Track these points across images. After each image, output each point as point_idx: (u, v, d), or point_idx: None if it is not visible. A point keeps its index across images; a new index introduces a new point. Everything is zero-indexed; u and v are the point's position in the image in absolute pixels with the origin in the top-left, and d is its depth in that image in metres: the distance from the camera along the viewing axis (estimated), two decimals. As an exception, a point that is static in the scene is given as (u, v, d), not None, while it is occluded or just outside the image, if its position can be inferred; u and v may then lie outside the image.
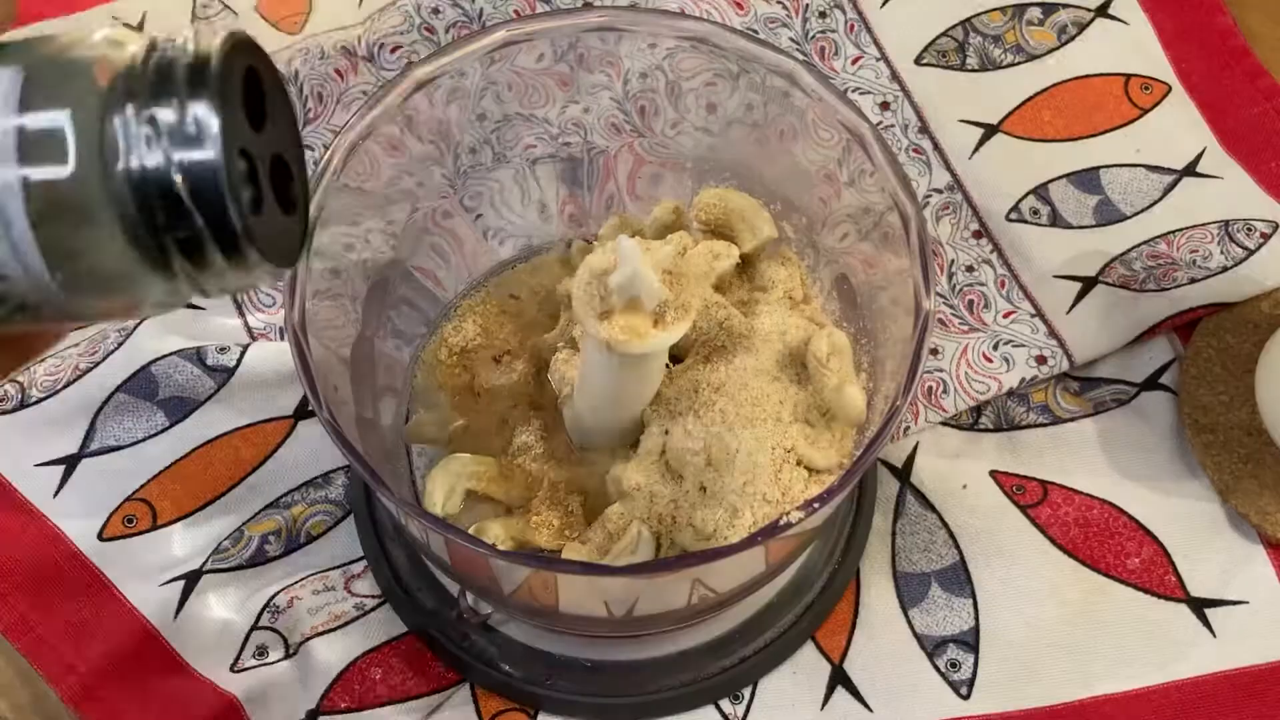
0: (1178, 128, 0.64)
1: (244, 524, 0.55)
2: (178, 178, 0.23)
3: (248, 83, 0.24)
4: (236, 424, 0.57)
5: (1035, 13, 0.67)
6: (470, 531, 0.48)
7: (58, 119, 0.23)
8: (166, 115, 0.23)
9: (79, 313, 0.25)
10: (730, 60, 0.49)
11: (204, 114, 0.23)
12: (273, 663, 0.52)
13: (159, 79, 0.23)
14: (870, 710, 0.52)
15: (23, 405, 0.56)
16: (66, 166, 0.23)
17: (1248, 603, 0.54)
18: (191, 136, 0.23)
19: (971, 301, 0.60)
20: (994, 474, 0.57)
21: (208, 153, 0.23)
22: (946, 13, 0.67)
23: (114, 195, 0.23)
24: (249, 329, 0.59)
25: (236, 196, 0.23)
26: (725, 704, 0.52)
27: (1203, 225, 0.61)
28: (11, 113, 0.23)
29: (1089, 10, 0.67)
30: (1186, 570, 0.55)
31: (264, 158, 0.25)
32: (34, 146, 0.22)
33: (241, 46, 0.24)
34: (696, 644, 0.53)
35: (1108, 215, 0.62)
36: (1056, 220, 0.62)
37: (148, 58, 0.24)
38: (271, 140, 0.25)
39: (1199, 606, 0.54)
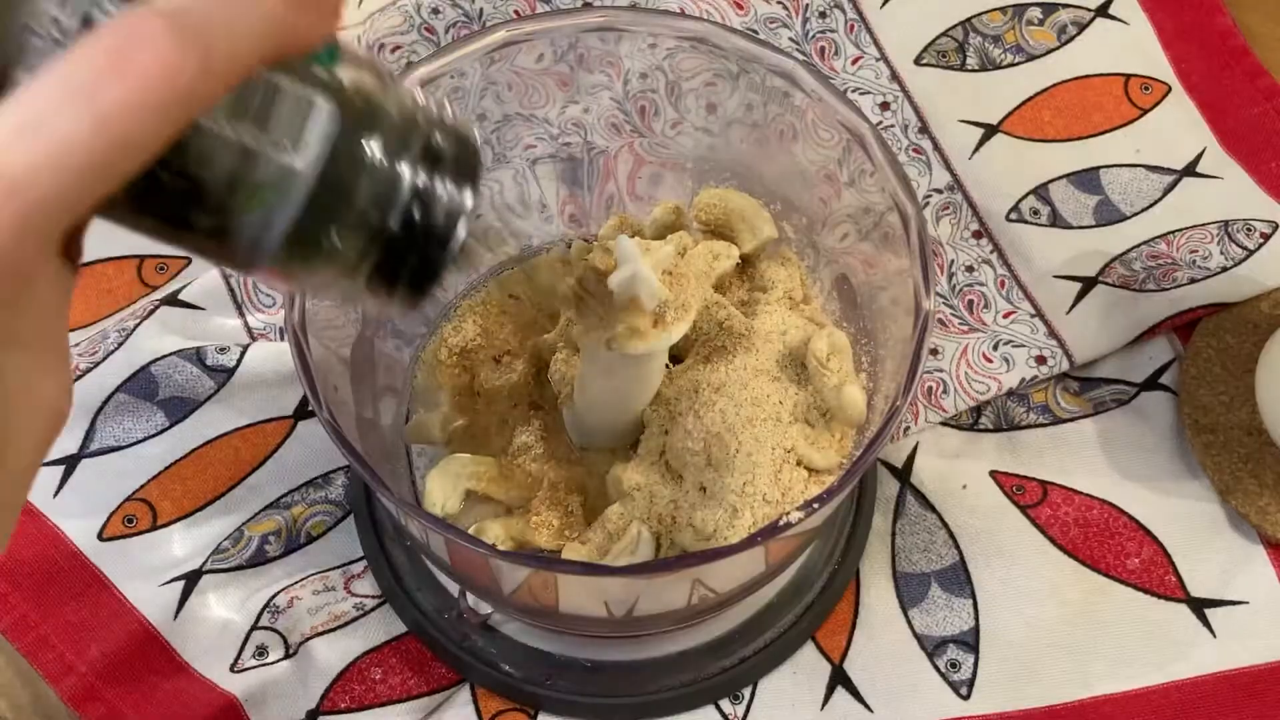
0: (1178, 128, 0.64)
1: (244, 524, 0.55)
2: (424, 239, 0.28)
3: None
4: (236, 424, 0.57)
5: (1035, 13, 0.67)
6: (470, 531, 0.48)
7: (355, 154, 0.27)
8: (439, 179, 0.28)
9: (244, 274, 0.30)
10: (730, 60, 0.49)
11: (465, 192, 0.29)
12: (273, 663, 0.52)
13: (436, 155, 0.28)
14: (870, 710, 0.52)
15: (23, 405, 0.56)
16: (344, 199, 0.27)
17: (1248, 603, 0.54)
18: (448, 210, 0.28)
19: (971, 301, 0.60)
20: (994, 474, 0.57)
21: (457, 223, 0.29)
22: (946, 13, 0.67)
23: (363, 231, 0.27)
24: (249, 329, 0.59)
25: (449, 265, 0.29)
26: (725, 704, 0.52)
27: (1203, 225, 0.61)
28: (323, 144, 0.27)
29: (1089, 10, 0.67)
30: (1186, 570, 0.55)
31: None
32: (327, 174, 0.27)
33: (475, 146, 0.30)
34: (696, 644, 0.53)
35: (1108, 215, 0.62)
36: (1056, 220, 0.62)
37: (427, 131, 0.29)
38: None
39: (1199, 606, 0.54)
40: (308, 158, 0.26)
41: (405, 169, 0.28)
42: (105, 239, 0.62)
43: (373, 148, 0.27)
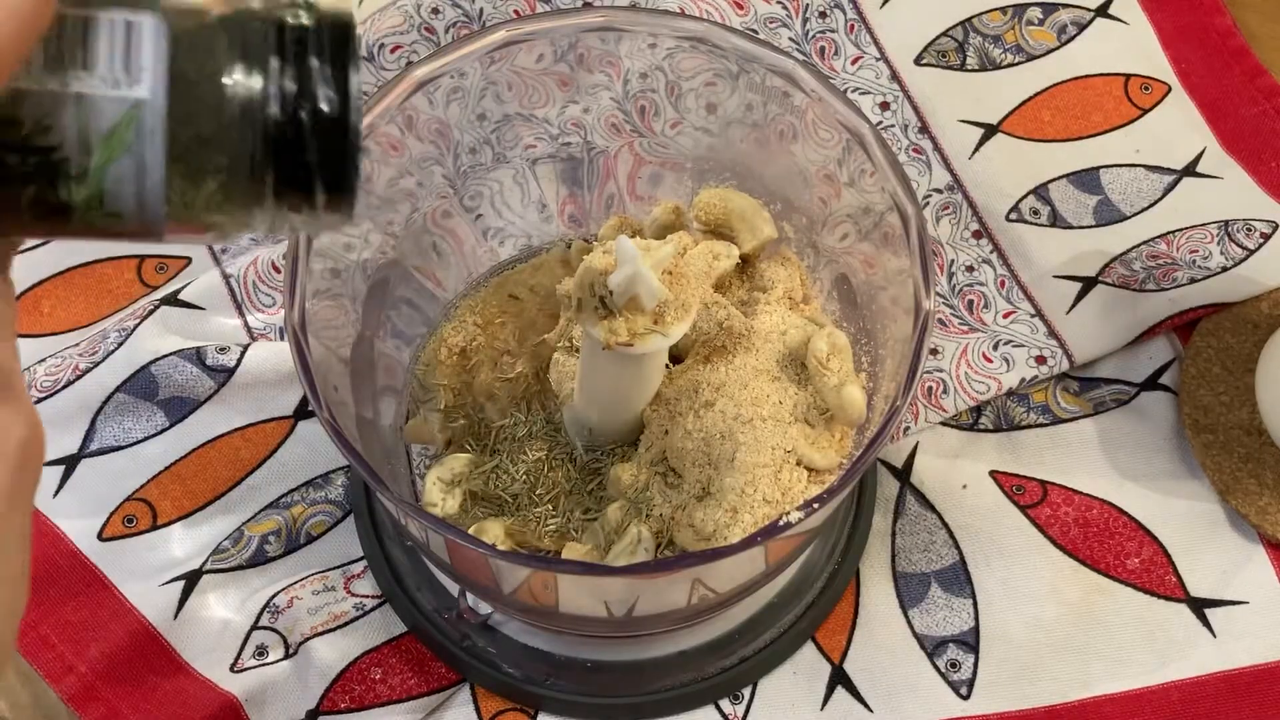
0: (1178, 128, 0.64)
1: (244, 524, 0.55)
2: (313, 128, 0.25)
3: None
4: (236, 424, 0.57)
5: (1035, 13, 0.67)
6: (470, 531, 0.48)
7: (203, 65, 0.25)
8: (311, 66, 0.25)
9: (158, 240, 0.27)
10: (730, 60, 0.49)
11: (343, 67, 0.26)
12: (273, 663, 0.52)
13: (297, 37, 0.26)
14: (870, 710, 0.52)
15: (23, 405, 0.56)
16: (210, 115, 0.25)
17: (1248, 603, 0.54)
18: (328, 91, 0.25)
19: (971, 301, 0.60)
20: (994, 474, 0.57)
21: (342, 106, 0.26)
22: (946, 13, 0.67)
23: (246, 142, 0.25)
24: (249, 329, 0.59)
25: (358, 150, 0.26)
26: (725, 704, 0.52)
27: (1203, 225, 0.61)
28: (160, 62, 0.24)
29: (1089, 10, 0.67)
30: (1186, 570, 0.55)
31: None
32: (180, 94, 0.24)
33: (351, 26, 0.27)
34: (696, 644, 0.53)
35: (1108, 215, 0.62)
36: (1056, 220, 0.62)
37: (278, 16, 0.26)
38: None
39: (1199, 606, 0.54)
40: (149, 83, 0.24)
41: (269, 62, 0.25)
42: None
43: (219, 51, 0.25)
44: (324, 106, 0.25)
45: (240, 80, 0.25)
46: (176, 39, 0.24)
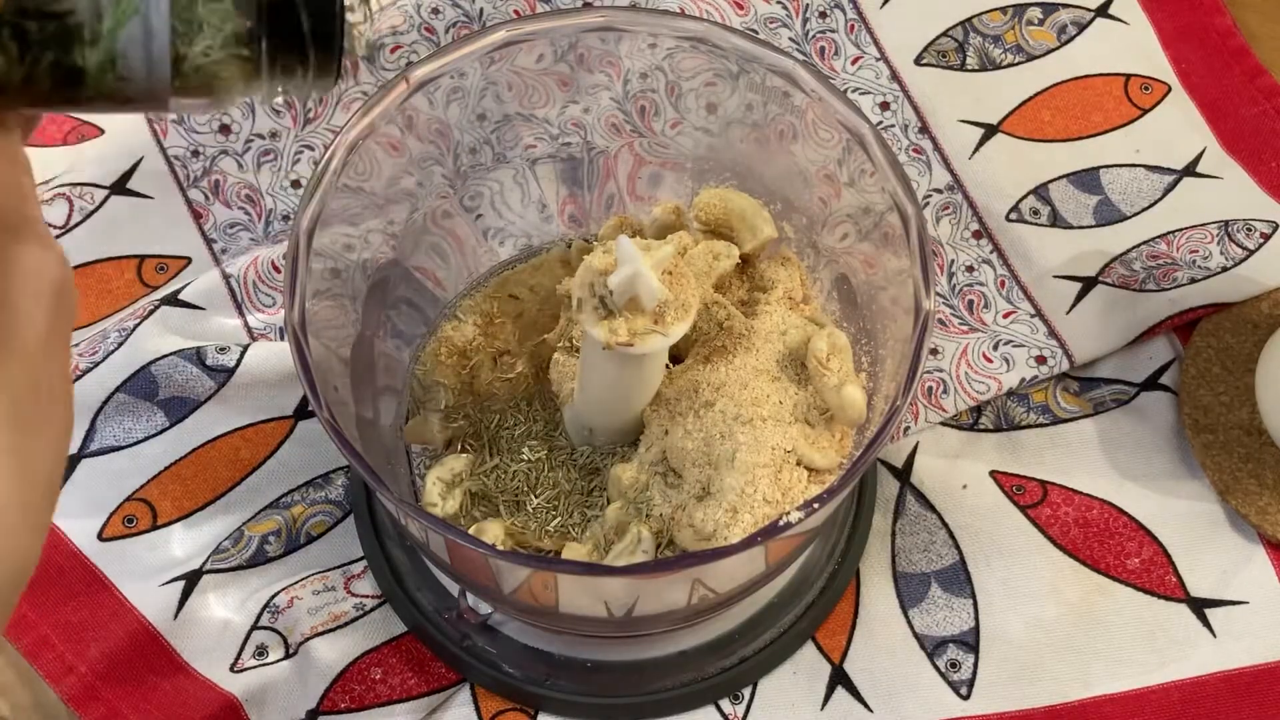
0: (1178, 128, 0.64)
1: (244, 524, 0.55)
2: None
3: None
4: (236, 424, 0.57)
5: (1035, 13, 0.67)
6: (470, 531, 0.48)
7: None
8: None
9: (164, 108, 0.29)
10: (730, 60, 0.49)
11: None
12: (273, 663, 0.52)
13: None
14: (870, 710, 0.52)
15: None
16: None
17: (1248, 603, 0.54)
18: None
19: (971, 301, 0.60)
20: (994, 474, 0.57)
21: None
22: (946, 13, 0.67)
23: (244, 5, 0.27)
24: (249, 329, 0.59)
25: (344, 12, 0.29)
26: (725, 704, 0.52)
27: (1203, 225, 0.61)
28: None
29: (1089, 10, 0.67)
30: (1186, 570, 0.55)
31: None
32: None
33: None
34: (696, 644, 0.53)
35: (1108, 215, 0.62)
36: (1056, 220, 0.62)
37: None
38: None
39: (1199, 606, 0.54)
40: None
41: None
42: (105, 239, 0.62)
43: None
44: None
45: None
46: None
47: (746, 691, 0.53)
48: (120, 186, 0.63)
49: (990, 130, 0.64)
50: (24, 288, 0.27)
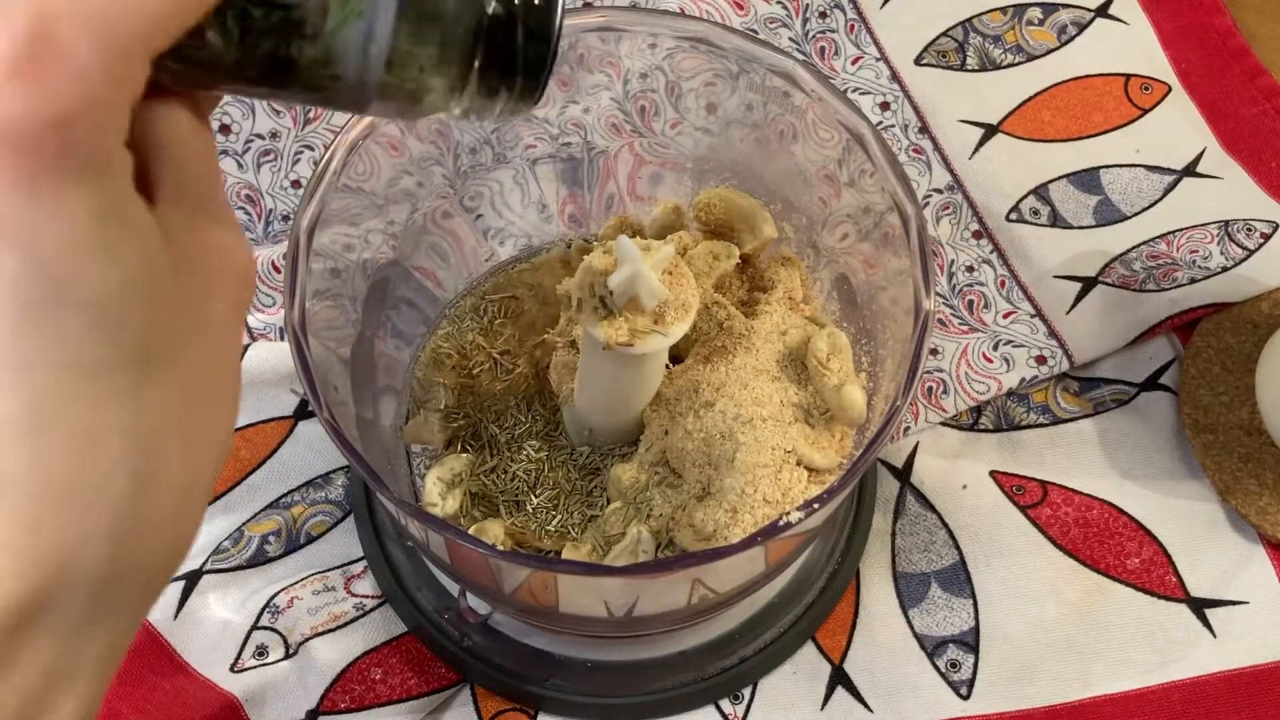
0: (1178, 128, 0.64)
1: (244, 524, 0.55)
2: (524, 17, 0.28)
3: None
4: (236, 424, 0.57)
5: (1035, 13, 0.67)
6: (470, 531, 0.48)
7: None
8: None
9: (362, 110, 0.29)
10: (730, 60, 0.49)
11: None
12: (273, 663, 0.52)
13: None
14: (870, 710, 0.52)
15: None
16: None
17: (1248, 603, 0.54)
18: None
19: (971, 301, 0.60)
20: (994, 474, 0.57)
21: (549, 4, 0.29)
22: (946, 13, 0.67)
23: (465, 21, 0.28)
24: (249, 329, 0.59)
25: (558, 42, 0.29)
26: (725, 704, 0.52)
27: (1203, 225, 0.61)
28: None
29: (1089, 10, 0.67)
30: (1186, 570, 0.55)
31: None
32: None
33: None
34: (696, 644, 0.53)
35: (1108, 215, 0.62)
36: (1056, 220, 0.62)
37: None
38: None
39: (1199, 606, 0.54)
40: None
41: None
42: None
43: None
44: (538, 2, 0.29)
45: None
46: None
47: (746, 691, 0.53)
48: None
49: (990, 130, 0.64)
50: (216, 267, 0.27)
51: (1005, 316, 0.60)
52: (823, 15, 0.67)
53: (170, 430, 0.26)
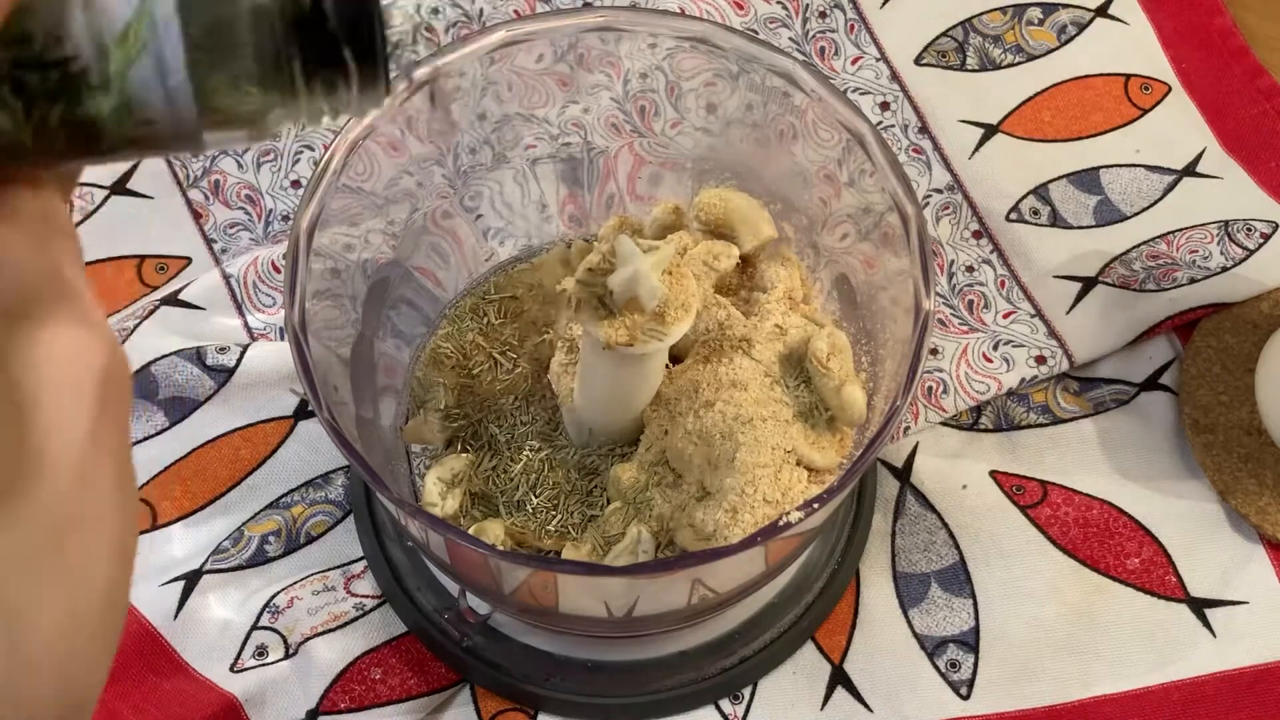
0: (1178, 128, 0.64)
1: (244, 524, 0.55)
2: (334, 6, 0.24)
3: None
4: (236, 424, 0.57)
5: (1035, 13, 0.67)
6: (470, 531, 0.48)
7: None
8: None
9: (198, 146, 0.26)
10: (730, 60, 0.49)
11: None
12: (272, 663, 0.52)
13: None
14: (870, 710, 0.52)
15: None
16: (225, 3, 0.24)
17: (1247, 603, 0.54)
18: None
19: (971, 301, 0.60)
20: (994, 474, 0.57)
21: None
22: (946, 13, 0.67)
23: (265, 21, 0.24)
24: (249, 329, 0.59)
25: (382, 13, 0.25)
26: (725, 704, 0.52)
27: (1202, 225, 0.61)
28: None
29: (1089, 10, 0.67)
30: (1186, 570, 0.55)
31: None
32: None
33: None
34: (696, 644, 0.53)
35: (1108, 215, 0.62)
36: (1056, 220, 0.62)
37: None
38: None
39: (1199, 606, 0.54)
40: None
41: None
42: (105, 239, 0.62)
43: None
44: None
45: None
46: None
47: (746, 691, 0.53)
48: (120, 186, 0.63)
49: (990, 130, 0.64)
50: (60, 379, 0.23)
51: (1005, 316, 0.60)
52: (823, 15, 0.67)
53: (35, 575, 0.23)
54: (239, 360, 0.57)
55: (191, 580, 0.54)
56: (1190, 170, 0.63)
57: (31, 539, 0.22)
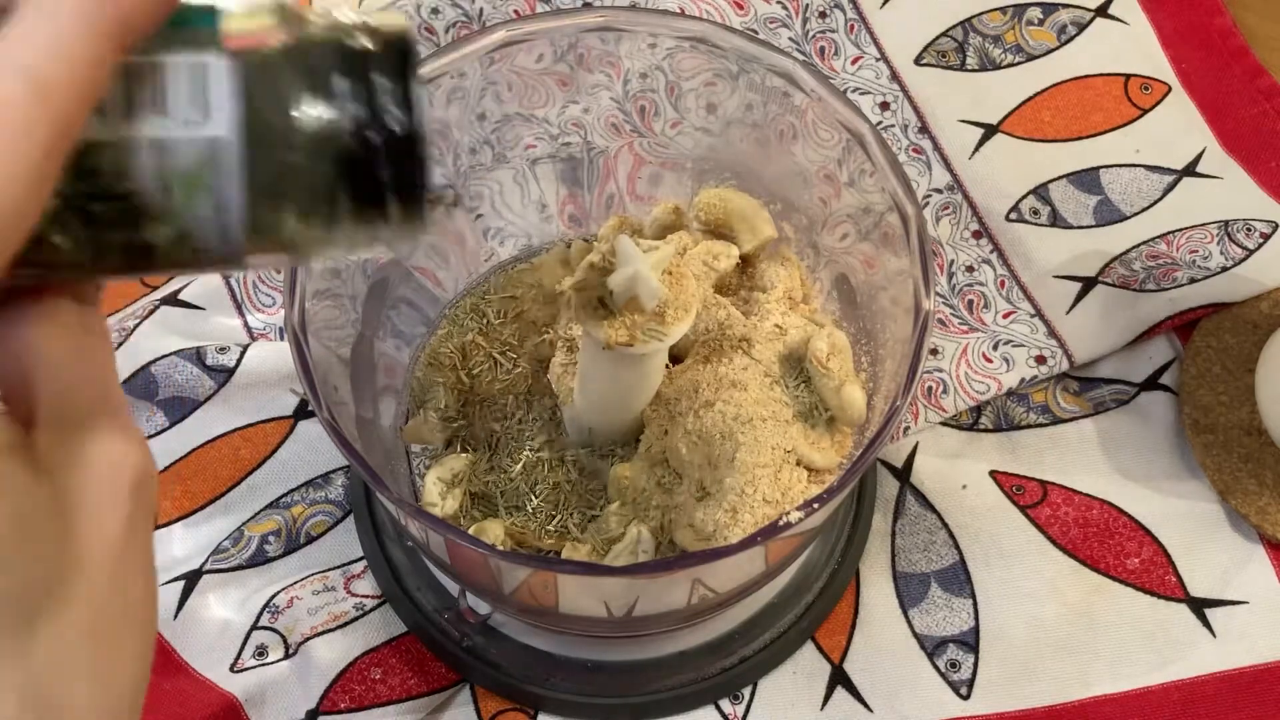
0: (1178, 128, 0.64)
1: (244, 524, 0.55)
2: (384, 148, 0.26)
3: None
4: (236, 424, 0.57)
5: (1035, 13, 0.67)
6: (470, 531, 0.48)
7: (272, 98, 0.25)
8: (376, 86, 0.26)
9: (240, 268, 0.28)
10: (730, 60, 0.49)
11: (403, 88, 0.26)
12: (272, 663, 0.52)
13: (359, 61, 0.26)
14: (870, 710, 0.52)
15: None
16: (284, 146, 0.25)
17: (1247, 603, 0.54)
18: (394, 110, 0.26)
19: (971, 301, 0.60)
20: (994, 474, 0.57)
21: (410, 123, 0.26)
22: (946, 13, 0.67)
23: (321, 167, 0.25)
24: (249, 329, 0.59)
25: (427, 162, 0.26)
26: (725, 704, 0.52)
27: (1202, 225, 0.61)
28: (231, 100, 0.25)
29: (1089, 10, 0.67)
30: (1186, 570, 0.55)
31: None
32: (253, 129, 0.25)
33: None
34: (696, 644, 0.53)
35: (1108, 215, 0.62)
36: (1056, 220, 0.62)
37: (338, 40, 0.26)
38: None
39: (1199, 606, 0.54)
40: (224, 121, 0.25)
41: (334, 88, 0.25)
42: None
43: (285, 82, 0.25)
44: (394, 127, 0.26)
45: (309, 110, 0.25)
46: (244, 75, 0.25)
47: (746, 691, 0.53)
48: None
49: (990, 130, 0.64)
50: (102, 488, 0.24)
51: (1005, 316, 0.60)
52: (823, 15, 0.67)
53: (73, 672, 0.24)
54: (239, 360, 0.57)
55: (191, 580, 0.54)
56: (1190, 170, 0.63)
57: (70, 638, 0.23)
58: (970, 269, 0.61)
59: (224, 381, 0.57)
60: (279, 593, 0.53)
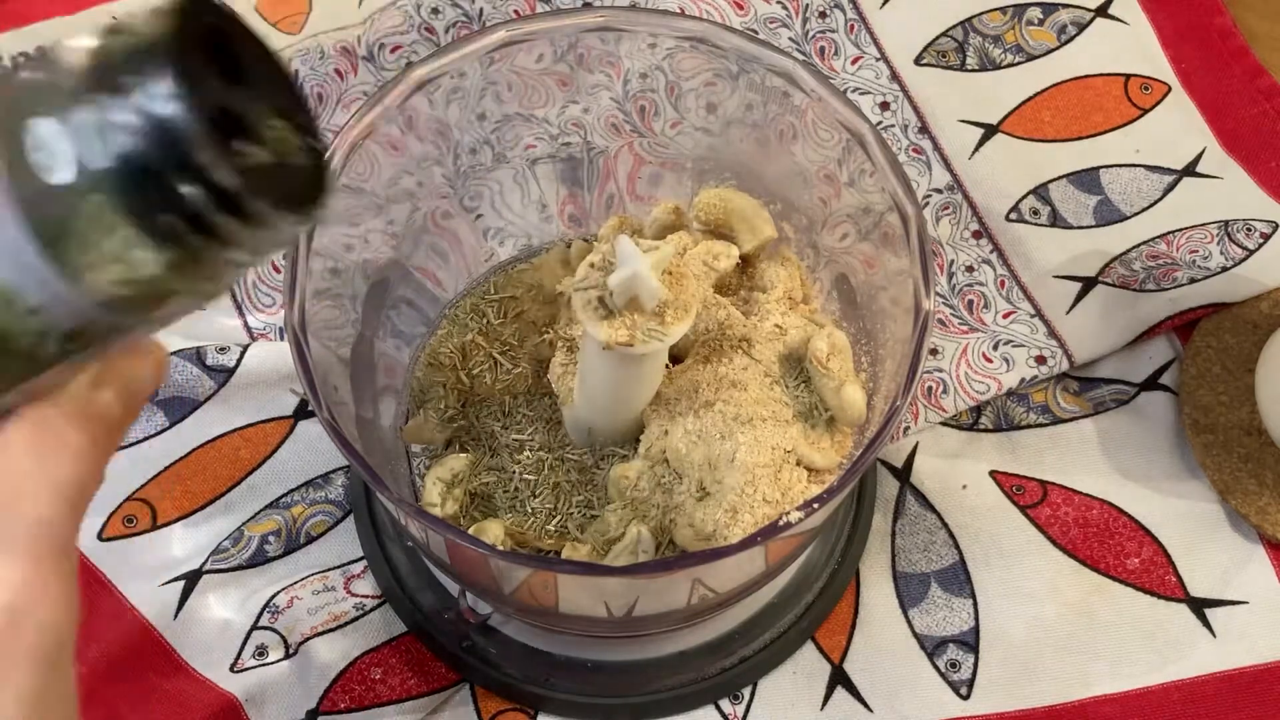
0: (1178, 128, 0.64)
1: (244, 524, 0.55)
2: (151, 152, 0.23)
3: (213, 43, 0.24)
4: (236, 424, 0.57)
5: (1035, 13, 0.67)
6: (470, 531, 0.48)
7: (41, 135, 0.23)
8: (138, 97, 0.23)
9: (130, 327, 0.25)
10: (730, 60, 0.49)
11: (164, 83, 0.23)
12: (272, 663, 0.52)
13: (123, 63, 0.23)
14: (870, 710, 0.52)
15: (23, 405, 0.56)
16: (56, 176, 0.23)
17: (1247, 603, 0.54)
18: (159, 109, 0.23)
19: (971, 301, 0.60)
20: (994, 474, 0.57)
21: (174, 118, 0.23)
22: (946, 13, 0.67)
23: (109, 192, 0.23)
24: (249, 329, 0.59)
25: (219, 155, 0.23)
26: (725, 704, 0.52)
27: (1202, 225, 0.61)
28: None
29: (1089, 10, 0.67)
30: (1186, 570, 0.55)
31: (254, 110, 0.25)
32: (17, 169, 0.23)
33: (192, 9, 0.24)
34: (696, 644, 0.53)
35: (1108, 215, 0.62)
36: (1056, 220, 0.62)
37: (109, 47, 0.23)
38: (261, 93, 0.25)
39: (1199, 606, 0.54)
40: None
41: (45, 123, 0.23)
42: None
43: (16, 130, 0.23)
44: (153, 130, 0.23)
45: (38, 154, 0.23)
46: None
47: (746, 691, 0.53)
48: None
49: (990, 130, 0.64)
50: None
51: (1005, 316, 0.60)
52: (823, 15, 0.67)
53: None
54: (239, 360, 0.57)
55: (191, 580, 0.54)
56: (1190, 170, 0.63)
57: None
58: (970, 269, 0.61)
59: (224, 381, 0.57)
60: (279, 593, 0.53)
